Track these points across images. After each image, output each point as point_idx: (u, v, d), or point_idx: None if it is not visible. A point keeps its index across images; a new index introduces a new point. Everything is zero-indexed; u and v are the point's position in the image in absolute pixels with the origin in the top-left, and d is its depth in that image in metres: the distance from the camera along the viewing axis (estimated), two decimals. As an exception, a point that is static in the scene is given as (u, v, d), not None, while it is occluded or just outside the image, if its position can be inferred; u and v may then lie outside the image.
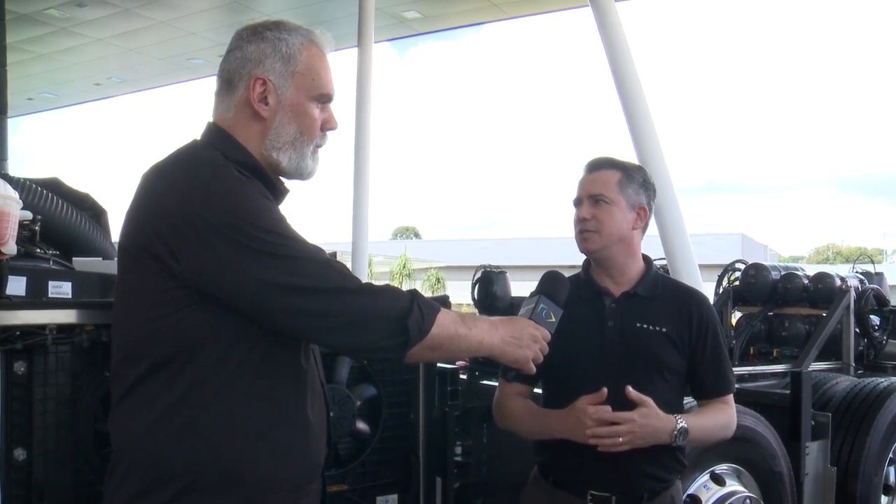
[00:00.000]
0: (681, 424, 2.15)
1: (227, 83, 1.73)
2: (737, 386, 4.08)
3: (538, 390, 2.42)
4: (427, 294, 1.90)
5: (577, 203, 2.32)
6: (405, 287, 1.85)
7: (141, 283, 1.60)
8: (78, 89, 18.37)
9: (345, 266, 1.66)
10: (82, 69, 16.60)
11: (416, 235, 70.48)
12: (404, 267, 31.60)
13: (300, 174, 1.77)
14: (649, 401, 2.12)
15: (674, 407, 2.27)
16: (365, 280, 1.73)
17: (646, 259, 2.37)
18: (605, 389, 2.08)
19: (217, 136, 1.71)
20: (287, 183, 1.81)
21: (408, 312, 1.62)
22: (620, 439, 2.08)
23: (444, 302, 2.54)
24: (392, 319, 1.61)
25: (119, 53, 15.45)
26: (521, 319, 1.89)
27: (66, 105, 20.46)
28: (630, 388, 2.11)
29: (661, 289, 2.33)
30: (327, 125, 1.80)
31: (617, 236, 2.27)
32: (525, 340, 1.81)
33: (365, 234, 12.26)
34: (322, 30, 1.82)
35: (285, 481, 1.67)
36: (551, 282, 2.00)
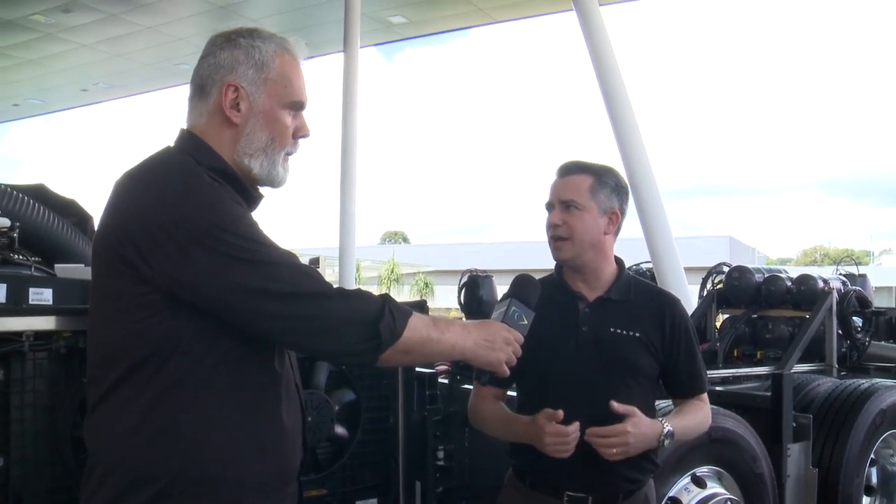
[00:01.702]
0: (667, 428, 2.18)
1: (200, 89, 1.74)
2: (720, 388, 4.17)
3: (512, 392, 2.43)
4: (415, 299, 1.91)
5: (549, 207, 2.32)
6: (393, 292, 1.85)
7: (115, 288, 1.60)
8: (64, 95, 18.29)
9: (317, 271, 1.67)
10: (69, 75, 16.54)
11: (405, 240, 70.42)
12: (392, 272, 31.56)
13: (271, 181, 1.78)
14: (635, 410, 2.13)
15: (646, 410, 2.28)
16: (352, 286, 1.73)
17: (618, 262, 2.37)
18: (560, 412, 2.08)
19: (190, 142, 1.72)
20: (266, 188, 1.82)
21: (379, 316, 1.63)
22: (615, 450, 2.09)
23: (421, 307, 2.55)
24: (364, 324, 1.62)
25: (105, 59, 15.41)
26: (493, 323, 1.89)
27: (52, 111, 20.39)
28: (615, 403, 2.11)
29: (633, 292, 2.33)
30: (299, 133, 1.80)
31: (589, 243, 2.27)
32: (498, 343, 1.82)
33: (352, 238, 12.26)
34: (297, 38, 1.82)
35: (261, 484, 1.67)
36: (522, 285, 2.01)
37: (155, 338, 1.57)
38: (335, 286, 1.67)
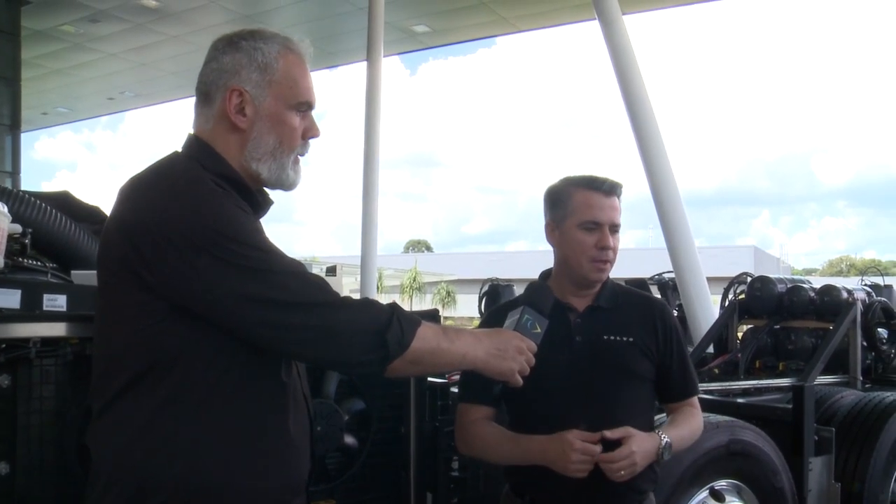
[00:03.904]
0: (665, 440, 2.13)
1: (205, 96, 1.71)
2: (741, 400, 4.10)
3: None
4: (438, 308, 1.88)
5: (596, 227, 2.20)
6: (416, 301, 1.82)
7: (119, 297, 1.58)
8: (92, 104, 18.58)
9: (323, 280, 1.64)
10: (96, 84, 16.80)
11: (428, 249, 70.60)
12: (415, 280, 31.52)
13: (281, 185, 1.75)
14: (630, 430, 2.07)
15: (646, 415, 2.27)
16: (374, 294, 1.70)
17: None
18: (597, 436, 2.03)
19: (197, 147, 1.70)
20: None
21: (387, 326, 1.60)
22: (622, 472, 2.03)
23: (433, 316, 2.52)
24: (370, 333, 1.59)
25: (132, 68, 15.63)
26: (505, 331, 1.86)
27: (80, 119, 20.68)
28: (607, 433, 2.05)
29: (621, 299, 2.30)
30: (308, 133, 1.77)
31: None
32: (510, 352, 1.78)
33: (374, 246, 12.29)
34: (300, 36, 1.79)
35: (266, 495, 1.64)
36: (535, 292, 1.99)
37: (158, 347, 1.56)
38: (342, 295, 1.64)
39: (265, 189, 1.78)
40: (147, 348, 1.56)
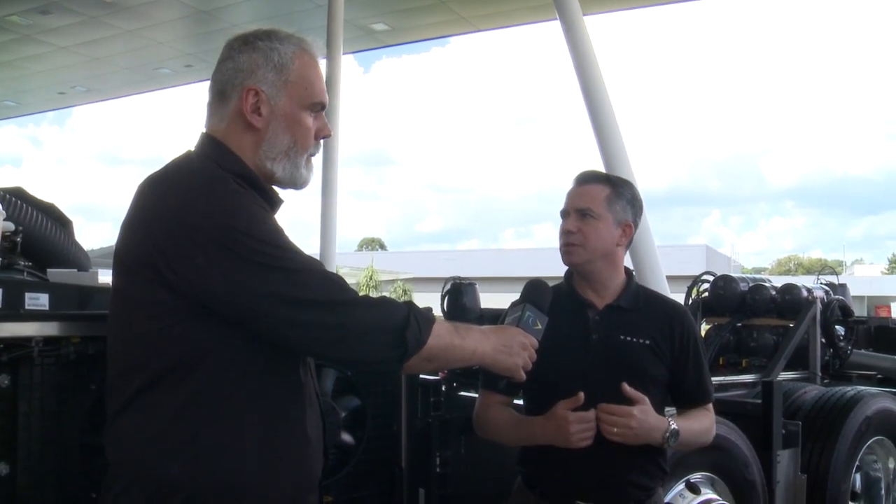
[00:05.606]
0: (672, 426, 2.17)
1: (220, 94, 1.72)
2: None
3: (518, 402, 2.43)
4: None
5: (564, 215, 2.33)
6: None
7: (139, 295, 1.59)
8: (41, 98, 18.08)
9: (342, 278, 1.67)
10: (46, 77, 16.35)
11: (382, 247, 70.43)
12: (371, 279, 31.44)
13: (294, 184, 1.77)
14: (645, 399, 2.13)
15: None
16: None
17: (627, 272, 2.39)
18: (581, 394, 2.07)
19: (212, 147, 1.71)
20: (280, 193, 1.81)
21: (405, 324, 1.63)
22: (616, 429, 2.07)
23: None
24: (390, 331, 1.62)
25: (84, 62, 15.24)
26: (509, 328, 1.91)
27: (28, 114, 20.15)
28: (626, 385, 2.11)
29: (642, 301, 2.35)
30: (321, 133, 1.80)
31: (601, 251, 2.29)
32: (515, 348, 1.83)
33: (333, 244, 12.18)
34: (314, 37, 1.82)
35: (285, 493, 1.66)
36: (535, 289, 2.03)
37: (179, 346, 1.56)
38: (361, 293, 1.67)
39: (275, 188, 1.80)
40: (167, 348, 1.57)
